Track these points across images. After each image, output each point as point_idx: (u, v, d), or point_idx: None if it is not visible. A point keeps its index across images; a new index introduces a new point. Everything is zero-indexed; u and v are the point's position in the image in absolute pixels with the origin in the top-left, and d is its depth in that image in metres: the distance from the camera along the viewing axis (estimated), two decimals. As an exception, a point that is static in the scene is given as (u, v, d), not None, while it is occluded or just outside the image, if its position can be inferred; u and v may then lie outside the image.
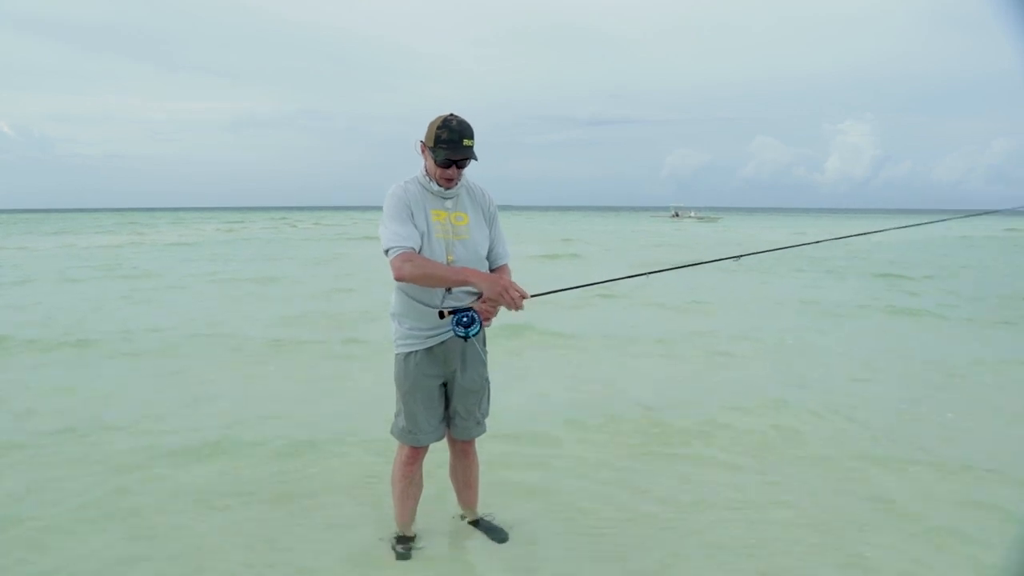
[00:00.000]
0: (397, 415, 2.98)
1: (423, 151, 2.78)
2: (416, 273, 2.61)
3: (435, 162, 2.70)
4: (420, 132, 2.77)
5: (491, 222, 2.94)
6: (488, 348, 3.08)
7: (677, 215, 78.05)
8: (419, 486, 3.15)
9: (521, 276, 2.76)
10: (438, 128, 2.68)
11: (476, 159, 2.73)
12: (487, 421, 3.14)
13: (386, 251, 2.66)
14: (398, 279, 2.65)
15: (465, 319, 2.63)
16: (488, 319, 2.72)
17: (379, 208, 2.79)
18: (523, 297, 2.63)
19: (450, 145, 2.66)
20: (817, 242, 4.65)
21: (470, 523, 3.39)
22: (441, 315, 2.65)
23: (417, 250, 2.67)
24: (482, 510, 3.43)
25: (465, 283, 2.64)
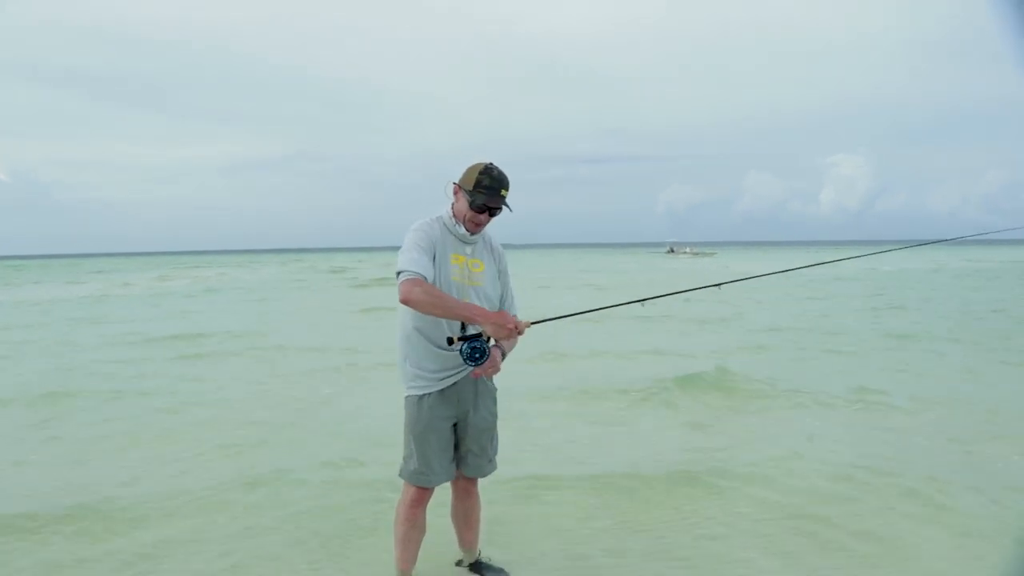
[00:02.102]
0: (407, 457, 2.95)
1: (456, 193, 2.83)
2: (423, 299, 2.59)
3: (470, 205, 2.75)
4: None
5: (503, 275, 3.01)
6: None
7: (673, 251, 78.54)
8: (422, 530, 3.10)
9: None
10: (480, 173, 2.74)
11: (511, 210, 2.81)
12: (496, 459, 3.12)
13: (398, 273, 2.66)
14: (403, 301, 2.63)
15: (477, 353, 2.65)
16: (502, 340, 2.67)
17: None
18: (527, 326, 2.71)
19: (489, 192, 2.73)
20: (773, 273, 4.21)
21: (470, 566, 3.34)
22: (450, 342, 2.66)
23: (429, 281, 2.68)
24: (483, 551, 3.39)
25: (471, 320, 2.63)
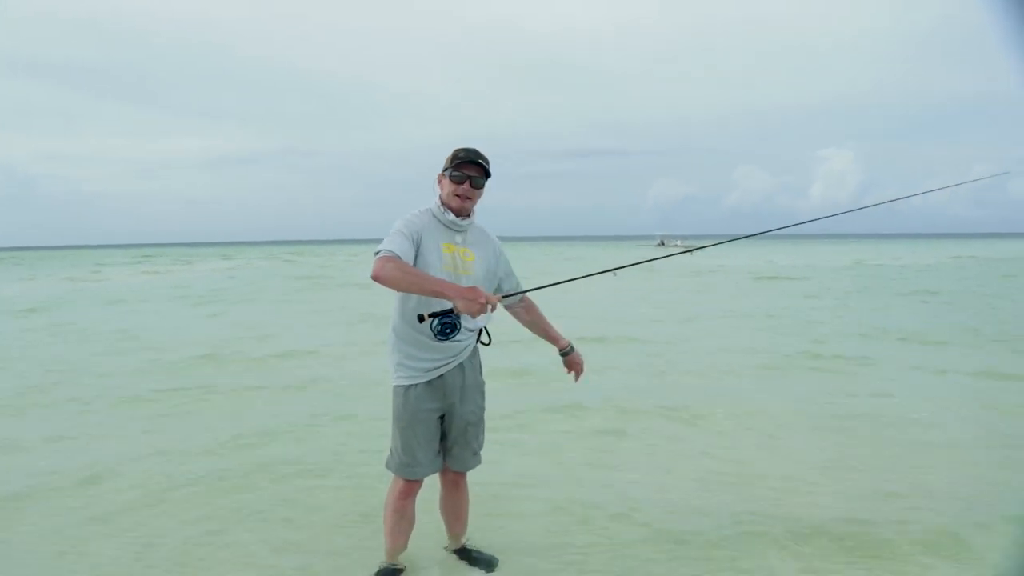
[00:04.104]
0: (393, 449, 2.97)
1: (440, 181, 2.87)
2: (394, 274, 2.55)
3: (450, 179, 2.79)
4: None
5: (500, 260, 3.03)
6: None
7: (663, 243, 78.83)
8: (411, 521, 3.12)
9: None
10: (455, 150, 2.83)
11: (489, 175, 2.85)
12: (482, 453, 3.13)
13: (376, 253, 2.64)
14: (374, 278, 2.58)
15: (448, 328, 2.63)
16: (474, 316, 2.62)
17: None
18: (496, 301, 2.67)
19: (466, 159, 2.79)
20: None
21: (456, 551, 3.35)
22: (420, 319, 2.62)
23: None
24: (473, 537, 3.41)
25: (442, 294, 2.55)
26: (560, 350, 3.10)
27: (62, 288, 25.13)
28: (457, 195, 2.80)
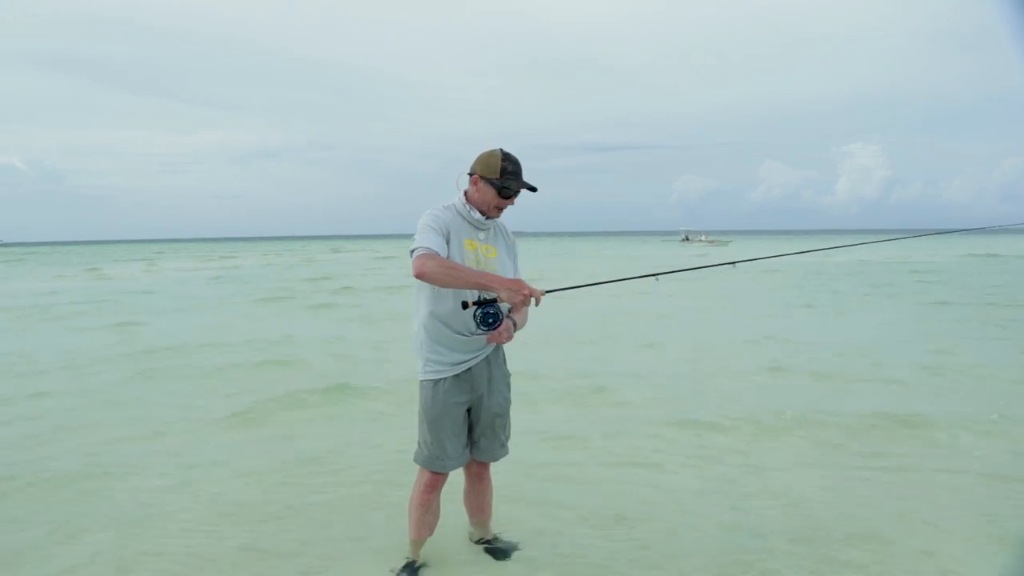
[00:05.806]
0: (421, 442, 3.00)
1: (476, 182, 2.85)
2: (438, 270, 2.64)
3: (499, 192, 2.80)
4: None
5: (514, 259, 3.07)
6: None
7: (688, 239, 78.10)
8: (436, 515, 3.15)
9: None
10: (502, 160, 2.80)
11: (536, 190, 2.89)
12: (509, 443, 3.16)
13: (411, 251, 2.71)
14: (418, 275, 2.66)
15: (491, 318, 2.70)
16: (519, 309, 2.76)
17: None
18: (542, 294, 2.75)
19: (515, 176, 2.80)
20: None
21: (480, 541, 3.38)
22: (465, 306, 2.70)
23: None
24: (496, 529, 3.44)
25: (486, 286, 2.67)
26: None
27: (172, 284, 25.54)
28: (497, 207, 2.85)
